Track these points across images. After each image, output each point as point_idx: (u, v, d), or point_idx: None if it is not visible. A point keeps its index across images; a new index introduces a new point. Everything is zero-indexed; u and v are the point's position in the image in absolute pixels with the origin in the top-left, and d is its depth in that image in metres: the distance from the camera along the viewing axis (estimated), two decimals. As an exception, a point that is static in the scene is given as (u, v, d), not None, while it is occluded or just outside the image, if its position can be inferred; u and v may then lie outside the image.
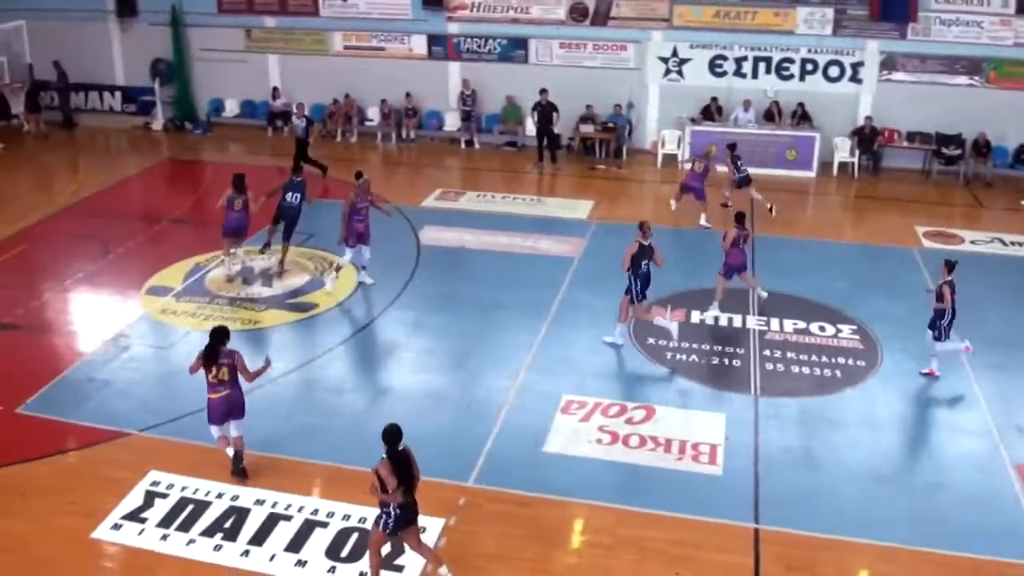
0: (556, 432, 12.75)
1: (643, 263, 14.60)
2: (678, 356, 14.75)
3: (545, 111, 25.02)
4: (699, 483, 11.73)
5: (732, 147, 21.62)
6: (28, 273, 18.50)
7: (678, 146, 24.98)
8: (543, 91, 25.03)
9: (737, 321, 15.89)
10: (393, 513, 9.60)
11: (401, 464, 9.48)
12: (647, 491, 11.52)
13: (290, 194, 17.90)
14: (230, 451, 12.09)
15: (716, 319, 16.06)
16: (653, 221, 20.20)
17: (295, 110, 25.14)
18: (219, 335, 11.71)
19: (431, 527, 10.88)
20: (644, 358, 14.76)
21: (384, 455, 9.42)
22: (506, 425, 13.00)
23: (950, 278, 13.74)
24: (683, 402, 13.52)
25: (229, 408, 11.90)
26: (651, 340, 15.21)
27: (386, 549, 10.14)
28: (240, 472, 11.91)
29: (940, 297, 13.75)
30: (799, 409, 13.44)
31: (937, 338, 13.97)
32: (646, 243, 14.63)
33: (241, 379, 11.86)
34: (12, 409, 13.67)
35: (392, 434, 9.49)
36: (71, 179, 24.99)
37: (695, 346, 15.05)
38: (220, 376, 11.73)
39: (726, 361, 14.67)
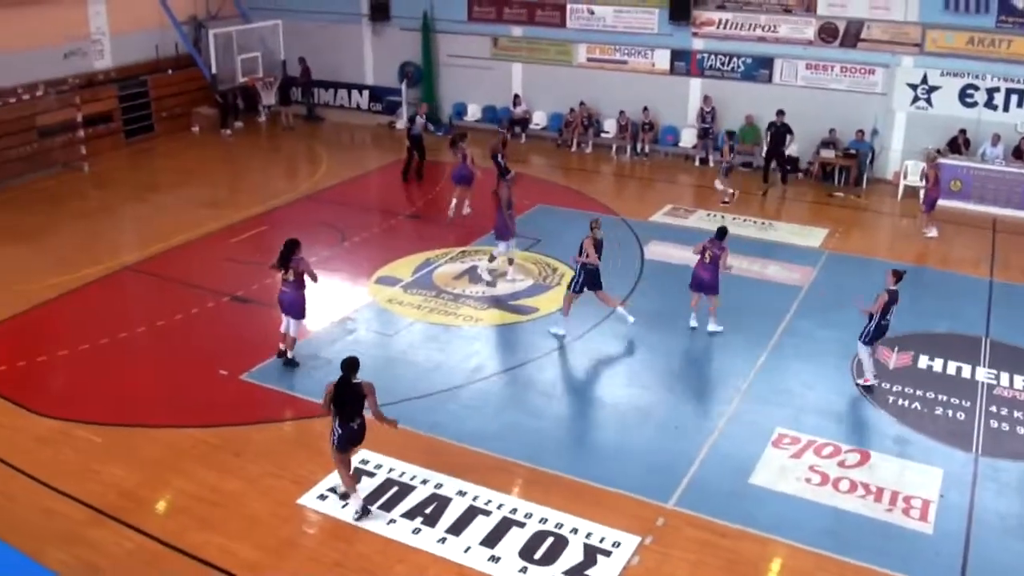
0: (764, 465, 12.46)
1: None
2: (900, 402, 14.08)
3: (779, 132, 24.41)
4: (906, 539, 11.18)
5: (731, 135, 24.36)
6: (266, 252, 19.51)
7: (921, 179, 23.77)
8: (780, 112, 24.45)
9: (966, 371, 14.97)
10: (336, 432, 11.13)
11: (345, 392, 10.96)
12: (851, 539, 11.09)
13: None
14: (282, 346, 15.09)
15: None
16: (890, 255, 19.61)
17: (419, 110, 26.04)
18: (291, 245, 14.44)
19: (626, 543, 10.82)
20: (864, 399, 14.15)
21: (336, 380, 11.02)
22: (713, 451, 12.81)
23: (894, 288, 14.07)
24: (900, 451, 12.89)
25: (287, 303, 14.65)
26: (874, 382, 14.55)
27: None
28: (288, 362, 14.96)
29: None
30: (1021, 475, 12.51)
31: (860, 338, 14.29)
32: (599, 238, 15.82)
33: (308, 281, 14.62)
34: (237, 375, 14.63)
35: (348, 364, 11.04)
36: (315, 169, 26.32)
37: (919, 393, 14.32)
38: (287, 277, 14.51)
39: (950, 412, 13.85)
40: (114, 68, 28.71)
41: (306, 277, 14.55)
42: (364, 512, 11.33)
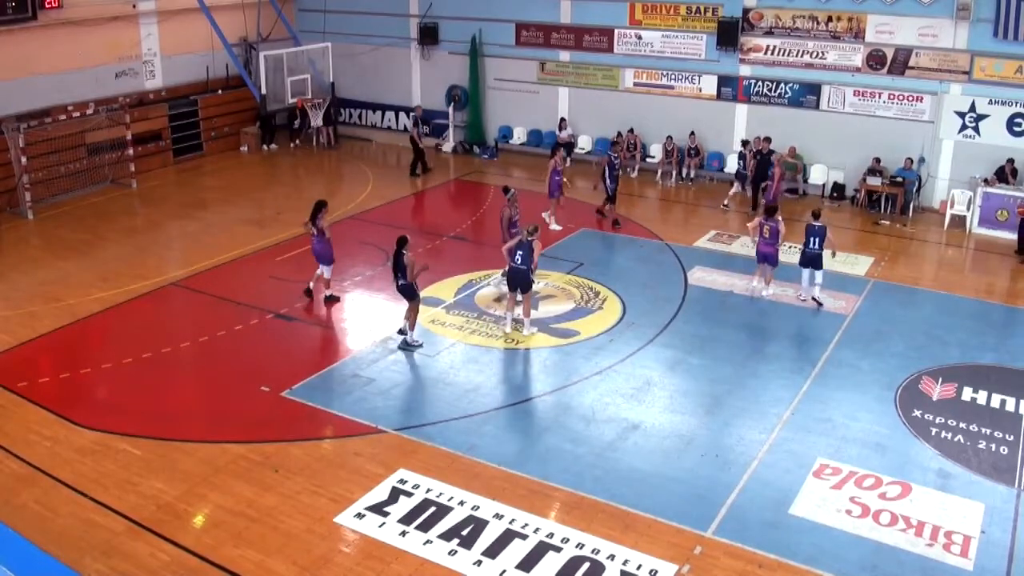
0: (805, 495, 12.31)
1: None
2: (943, 434, 13.83)
3: (764, 161, 24.26)
4: (946, 575, 10.93)
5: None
6: (310, 271, 19.70)
7: (968, 208, 23.49)
8: (767, 139, 24.60)
9: (1011, 404, 14.71)
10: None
11: (394, 260, 16.03)
12: (890, 574, 10.89)
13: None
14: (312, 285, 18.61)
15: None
16: (936, 284, 19.46)
17: (416, 111, 28.98)
18: (319, 206, 18.19)
19: (663, 571, 10.74)
20: (907, 431, 13.93)
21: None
22: (754, 480, 12.67)
23: (812, 223, 18.37)
24: (942, 484, 12.65)
25: (316, 253, 18.28)
26: (916, 412, 14.37)
27: None
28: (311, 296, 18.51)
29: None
30: (1066, 511, 12.24)
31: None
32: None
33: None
34: (279, 392, 14.73)
35: (400, 241, 16.03)
36: (361, 190, 26.49)
37: (962, 425, 14.07)
38: (313, 231, 18.12)
39: (993, 446, 13.57)
40: (164, 88, 29.19)
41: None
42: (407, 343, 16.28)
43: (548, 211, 22.81)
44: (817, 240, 18.21)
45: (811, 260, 18.35)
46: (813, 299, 18.41)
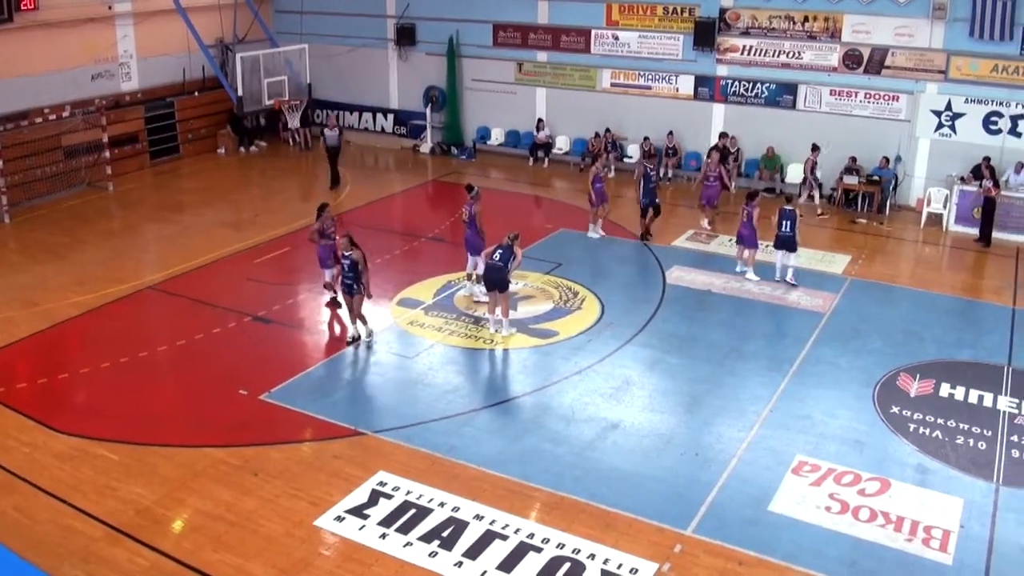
0: (784, 492, 12.36)
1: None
2: (921, 430, 13.92)
3: (725, 157, 24.47)
4: (925, 569, 10.99)
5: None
6: (288, 273, 19.72)
7: (944, 206, 23.65)
8: (723, 134, 25.25)
9: (988, 400, 14.82)
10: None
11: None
12: (870, 569, 10.95)
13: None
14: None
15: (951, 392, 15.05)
16: (912, 282, 19.57)
17: (329, 122, 28.76)
18: (322, 207, 18.36)
19: (643, 570, 10.75)
20: (885, 427, 14.01)
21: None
22: (733, 477, 12.71)
23: (786, 207, 19.26)
24: (921, 479, 12.73)
25: (324, 256, 18.04)
26: (894, 409, 14.45)
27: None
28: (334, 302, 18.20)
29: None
30: (1044, 505, 12.31)
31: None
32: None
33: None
34: (257, 395, 14.70)
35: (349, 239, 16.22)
36: (338, 191, 26.47)
37: (940, 421, 14.16)
38: (323, 234, 17.92)
39: (971, 442, 13.66)
40: (141, 90, 29.04)
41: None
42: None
43: (593, 222, 22.58)
44: (789, 223, 19.15)
45: (784, 242, 19.29)
46: (786, 280, 19.43)
